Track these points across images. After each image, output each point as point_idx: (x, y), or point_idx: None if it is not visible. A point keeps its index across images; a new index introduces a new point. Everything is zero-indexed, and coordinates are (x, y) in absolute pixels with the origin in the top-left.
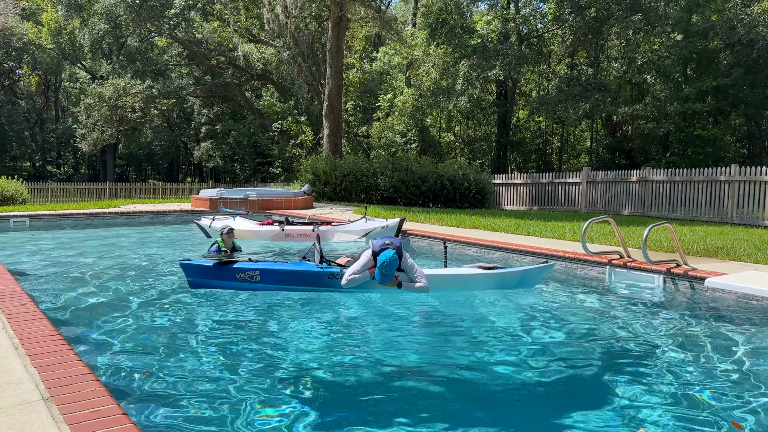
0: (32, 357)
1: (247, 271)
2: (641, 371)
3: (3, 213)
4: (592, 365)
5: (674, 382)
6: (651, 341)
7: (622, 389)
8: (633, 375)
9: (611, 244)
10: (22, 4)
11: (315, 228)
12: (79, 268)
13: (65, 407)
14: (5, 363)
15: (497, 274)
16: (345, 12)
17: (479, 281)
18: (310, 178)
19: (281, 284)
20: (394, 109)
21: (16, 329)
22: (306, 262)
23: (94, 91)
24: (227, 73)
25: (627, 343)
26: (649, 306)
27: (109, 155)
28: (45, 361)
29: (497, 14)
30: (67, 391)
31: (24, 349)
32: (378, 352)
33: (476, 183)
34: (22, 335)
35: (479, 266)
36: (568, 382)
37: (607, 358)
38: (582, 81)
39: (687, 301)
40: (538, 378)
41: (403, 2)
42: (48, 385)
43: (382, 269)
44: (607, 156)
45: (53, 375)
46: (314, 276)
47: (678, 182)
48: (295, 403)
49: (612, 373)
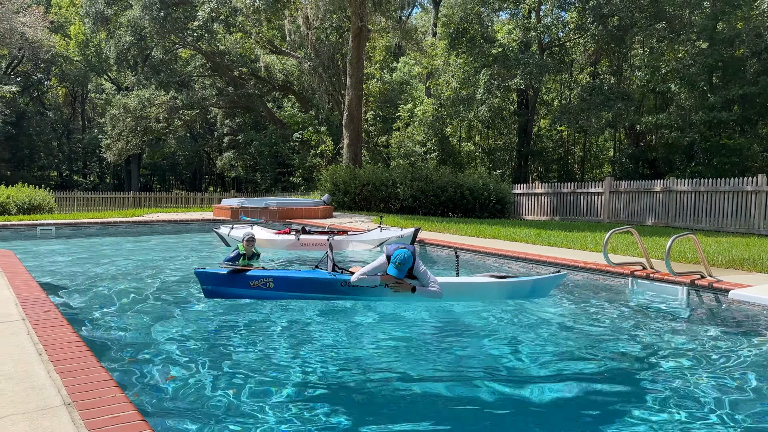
0: (55, 363)
1: (261, 278)
2: (664, 385)
3: (30, 221)
4: (614, 377)
5: (698, 395)
6: (673, 353)
7: (644, 403)
8: (656, 389)
9: (634, 255)
10: (50, 18)
11: (330, 237)
12: (102, 276)
13: (86, 413)
14: (29, 368)
15: (509, 283)
16: (366, 23)
17: (491, 290)
18: (330, 188)
19: (294, 291)
20: (413, 118)
21: (40, 335)
22: (319, 270)
23: (119, 102)
24: (249, 83)
25: (649, 356)
26: (672, 318)
27: (133, 165)
28: (67, 367)
29: (518, 23)
30: (88, 396)
31: (47, 354)
32: (396, 362)
33: (496, 193)
34: (45, 341)
35: (491, 275)
36: (589, 395)
37: (628, 370)
38: (605, 90)
39: (711, 313)
40: (557, 391)
41: (424, 12)
42: (70, 390)
43: (396, 262)
44: (630, 166)
45: (75, 381)
46: (327, 283)
47: (703, 192)
48: (318, 415)
49: (633, 386)
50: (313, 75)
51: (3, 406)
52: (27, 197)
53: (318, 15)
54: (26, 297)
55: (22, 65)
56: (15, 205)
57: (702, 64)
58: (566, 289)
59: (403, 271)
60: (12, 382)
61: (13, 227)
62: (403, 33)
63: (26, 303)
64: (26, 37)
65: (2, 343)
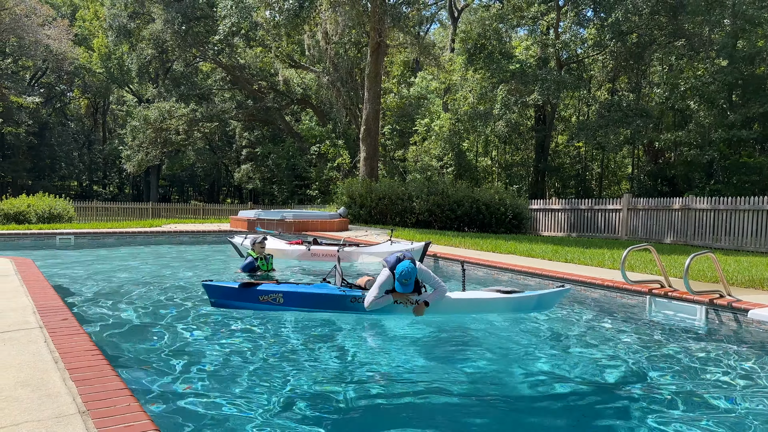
0: (71, 371)
1: (271, 293)
2: (681, 404)
3: (50, 230)
4: (629, 396)
5: (715, 416)
6: (691, 372)
7: (661, 422)
8: (673, 408)
9: (652, 273)
10: (74, 30)
11: (339, 249)
12: (120, 285)
13: (100, 421)
14: (45, 376)
15: (514, 298)
16: (384, 38)
17: (497, 305)
18: (346, 201)
19: (304, 307)
20: (430, 133)
21: (57, 343)
22: (328, 285)
23: (140, 114)
24: (268, 97)
25: (666, 374)
26: (690, 337)
27: (152, 176)
28: (83, 375)
29: (536, 39)
30: (102, 405)
31: (63, 362)
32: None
33: (513, 208)
34: (62, 349)
35: (497, 290)
36: (605, 415)
37: (644, 389)
38: (623, 106)
39: (730, 333)
40: (570, 412)
41: (442, 28)
42: (85, 399)
43: (401, 280)
44: (648, 183)
45: (90, 389)
46: (337, 299)
47: (722, 211)
48: (329, 426)
49: (650, 404)
50: (331, 89)
51: (18, 414)
52: (47, 206)
53: (337, 30)
54: (44, 305)
55: (46, 77)
56: (35, 214)
57: (722, 82)
58: (583, 306)
59: (411, 284)
60: (28, 389)
61: (33, 236)
62: (421, 48)
63: (44, 311)
64: (50, 49)
65: (20, 350)
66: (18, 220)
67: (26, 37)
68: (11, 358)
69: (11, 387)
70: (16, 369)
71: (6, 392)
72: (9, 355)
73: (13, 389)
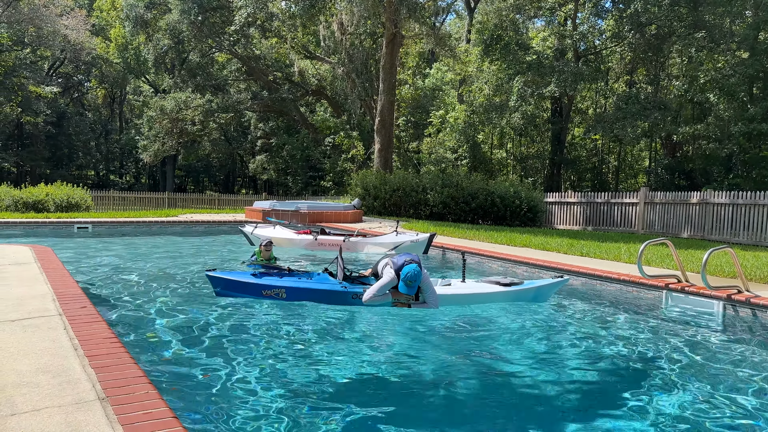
0: (90, 358)
1: (274, 288)
2: (698, 399)
3: (68, 219)
4: (647, 391)
5: (735, 412)
6: (709, 369)
7: (679, 418)
8: (690, 403)
9: (669, 268)
10: (92, 21)
11: (346, 239)
12: (137, 273)
13: (119, 408)
14: (65, 363)
15: (512, 291)
16: (399, 29)
17: (496, 297)
18: (360, 192)
19: (306, 301)
20: (445, 125)
21: (76, 331)
22: (329, 279)
23: (156, 104)
24: (283, 88)
25: (683, 370)
26: (708, 332)
27: (168, 166)
28: (102, 362)
29: (554, 31)
30: (121, 392)
31: (83, 350)
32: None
33: (528, 201)
34: (81, 336)
35: (496, 281)
36: (621, 410)
37: (661, 385)
38: (641, 99)
39: (748, 329)
40: (586, 405)
41: (458, 19)
42: (104, 385)
43: (406, 281)
44: (666, 176)
45: (109, 376)
46: (338, 295)
47: (741, 205)
48: (347, 413)
49: (669, 397)
50: (346, 80)
51: (39, 399)
52: (65, 195)
53: (353, 21)
54: (63, 293)
55: (64, 67)
56: (53, 202)
57: (742, 75)
58: (599, 300)
59: (414, 287)
60: (49, 375)
61: (51, 224)
62: (436, 39)
63: (63, 298)
64: (68, 39)
65: (40, 337)
66: (37, 208)
67: (44, 27)
68: (32, 345)
69: (32, 373)
70: (36, 355)
71: (27, 378)
72: (30, 342)
73: (34, 375)
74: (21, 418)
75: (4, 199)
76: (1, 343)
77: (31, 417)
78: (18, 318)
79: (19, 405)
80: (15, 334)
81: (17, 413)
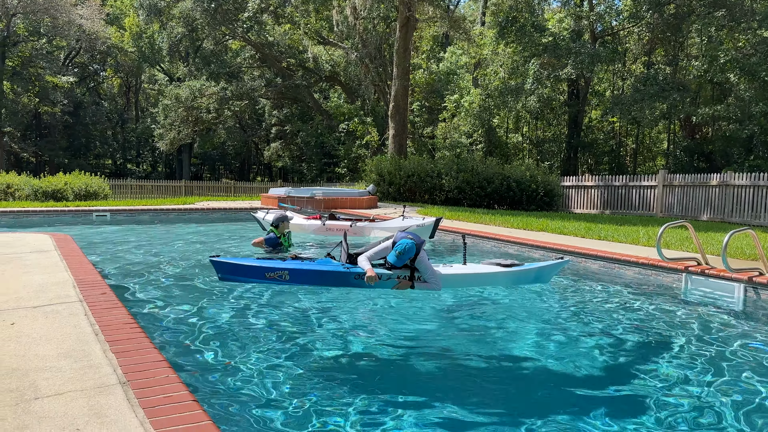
0: (111, 343)
1: (277, 270)
2: (719, 384)
3: (87, 207)
4: (666, 376)
5: (755, 396)
6: (728, 352)
7: (698, 404)
8: (710, 387)
9: (688, 251)
10: (106, 10)
11: (353, 224)
12: (156, 260)
13: (140, 391)
14: (86, 348)
15: (513, 272)
16: (413, 12)
17: (497, 279)
18: (375, 178)
19: (309, 284)
20: (460, 109)
21: (96, 316)
22: (331, 261)
23: (171, 93)
24: (297, 75)
25: (702, 354)
26: (728, 315)
27: (184, 154)
28: (122, 347)
29: (570, 12)
30: (142, 376)
31: (103, 335)
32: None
33: (544, 185)
34: (102, 322)
35: (497, 263)
36: (638, 395)
37: (680, 369)
38: (659, 80)
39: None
40: (604, 390)
41: (472, 1)
42: (125, 370)
43: (397, 251)
44: (685, 159)
45: (129, 361)
46: (341, 276)
47: (762, 187)
48: (368, 401)
49: (687, 383)
50: (359, 65)
51: (62, 383)
52: (83, 184)
53: (366, 5)
54: (83, 279)
55: (80, 56)
56: (72, 191)
57: (764, 54)
58: (616, 284)
59: (403, 260)
60: (70, 360)
61: (70, 212)
62: (451, 22)
63: (83, 285)
64: (83, 29)
65: (62, 323)
66: (56, 197)
67: (60, 17)
68: (54, 331)
69: (54, 358)
70: (58, 341)
71: (50, 363)
72: (51, 328)
73: (56, 360)
74: (44, 401)
75: (24, 189)
76: (25, 329)
77: (54, 400)
78: (40, 304)
79: (43, 389)
80: (37, 320)
81: (41, 397)
